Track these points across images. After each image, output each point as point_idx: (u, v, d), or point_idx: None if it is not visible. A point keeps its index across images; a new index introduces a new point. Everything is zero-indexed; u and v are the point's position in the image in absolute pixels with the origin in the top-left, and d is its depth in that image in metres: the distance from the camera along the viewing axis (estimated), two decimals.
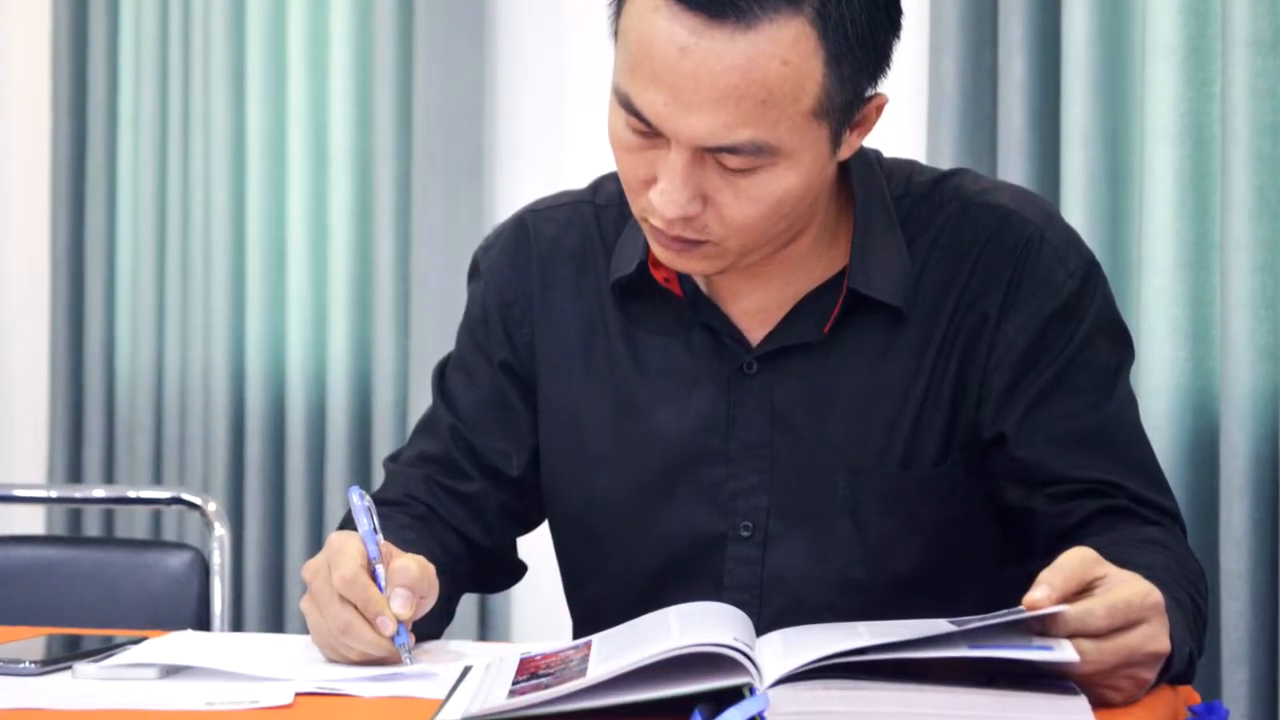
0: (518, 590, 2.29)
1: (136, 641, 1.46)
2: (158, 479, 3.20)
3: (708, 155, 1.43)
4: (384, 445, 2.97)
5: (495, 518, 1.66)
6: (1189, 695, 1.37)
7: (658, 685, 1.17)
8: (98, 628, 1.68)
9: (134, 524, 3.20)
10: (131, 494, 2.52)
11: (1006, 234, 1.56)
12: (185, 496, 2.29)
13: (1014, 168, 2.44)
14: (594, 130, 1.75)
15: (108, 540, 2.88)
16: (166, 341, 3.21)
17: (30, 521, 3.30)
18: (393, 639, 1.37)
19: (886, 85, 1.49)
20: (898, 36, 1.48)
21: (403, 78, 3.00)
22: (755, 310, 1.58)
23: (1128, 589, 1.24)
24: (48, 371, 3.35)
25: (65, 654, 1.42)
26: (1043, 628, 1.22)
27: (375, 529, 1.41)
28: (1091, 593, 1.24)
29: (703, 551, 1.58)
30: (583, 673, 1.20)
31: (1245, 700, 2.20)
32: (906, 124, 2.58)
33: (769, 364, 1.57)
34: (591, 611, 1.64)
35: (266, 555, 3.10)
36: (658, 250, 1.51)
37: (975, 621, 1.19)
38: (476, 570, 1.66)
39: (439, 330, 2.90)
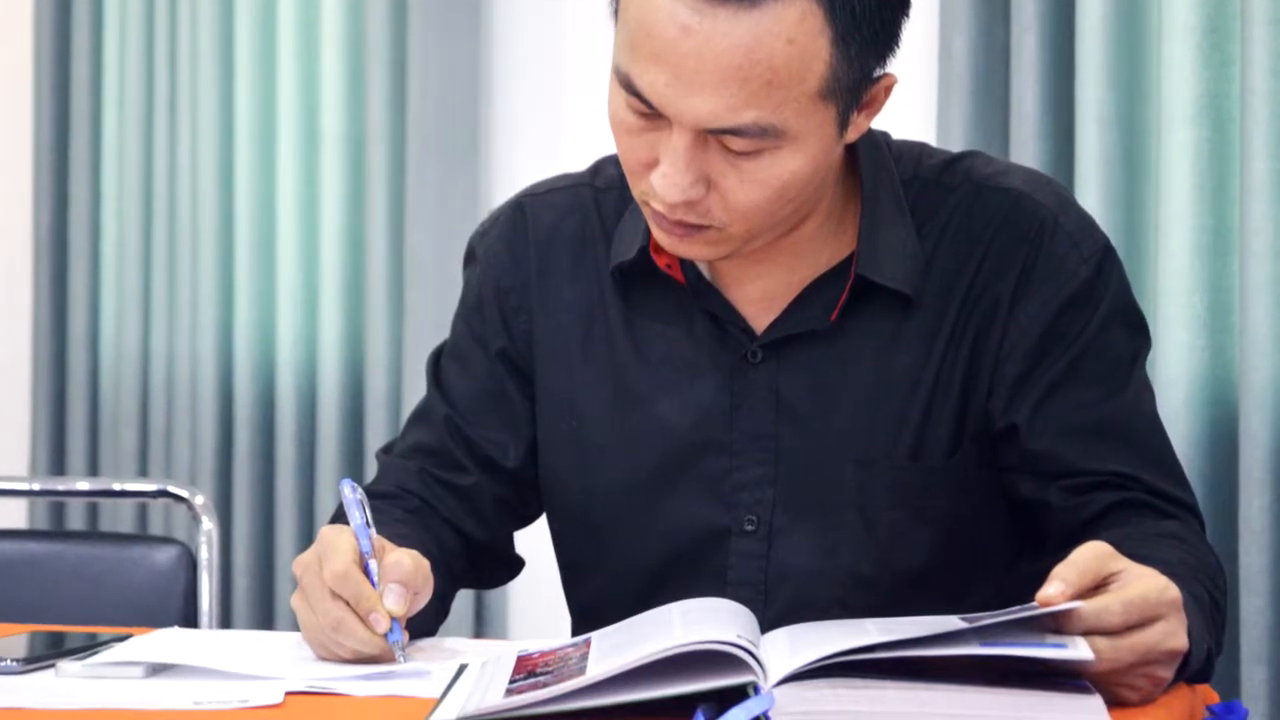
0: (515, 586, 2.26)
1: (122, 639, 1.45)
2: (143, 471, 3.20)
3: (711, 137, 1.42)
4: (377, 436, 2.96)
5: (491, 511, 1.65)
6: (1207, 694, 1.36)
7: (659, 684, 1.16)
8: (82, 625, 1.66)
9: (119, 518, 3.20)
10: (116, 487, 2.50)
11: (1019, 218, 1.55)
12: (172, 489, 2.29)
13: (1026, 150, 2.43)
14: (593, 111, 1.73)
15: (92, 534, 2.88)
16: (153, 329, 3.19)
17: (12, 515, 3.29)
18: (386, 636, 1.35)
19: (895, 65, 1.48)
20: (907, 14, 1.47)
21: (396, 57, 2.98)
22: (760, 297, 1.56)
23: (1144, 584, 1.23)
24: (30, 360, 3.33)
25: (48, 652, 1.40)
26: (1056, 625, 1.20)
27: (368, 523, 1.40)
28: (1107, 588, 1.23)
29: (706, 546, 1.57)
30: (582, 671, 1.18)
31: (1265, 699, 2.20)
32: (916, 105, 2.57)
33: (774, 352, 1.56)
34: (591, 608, 1.63)
35: (256, 550, 3.09)
36: (659, 235, 1.49)
37: (987, 618, 1.18)
38: (472, 565, 1.65)
39: (434, 318, 2.89)
